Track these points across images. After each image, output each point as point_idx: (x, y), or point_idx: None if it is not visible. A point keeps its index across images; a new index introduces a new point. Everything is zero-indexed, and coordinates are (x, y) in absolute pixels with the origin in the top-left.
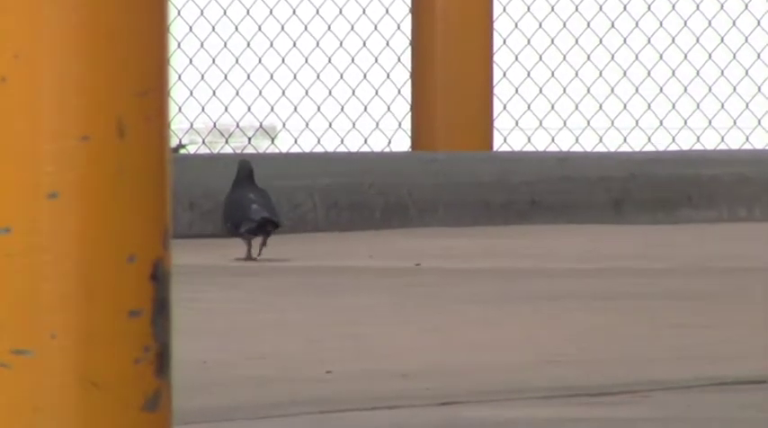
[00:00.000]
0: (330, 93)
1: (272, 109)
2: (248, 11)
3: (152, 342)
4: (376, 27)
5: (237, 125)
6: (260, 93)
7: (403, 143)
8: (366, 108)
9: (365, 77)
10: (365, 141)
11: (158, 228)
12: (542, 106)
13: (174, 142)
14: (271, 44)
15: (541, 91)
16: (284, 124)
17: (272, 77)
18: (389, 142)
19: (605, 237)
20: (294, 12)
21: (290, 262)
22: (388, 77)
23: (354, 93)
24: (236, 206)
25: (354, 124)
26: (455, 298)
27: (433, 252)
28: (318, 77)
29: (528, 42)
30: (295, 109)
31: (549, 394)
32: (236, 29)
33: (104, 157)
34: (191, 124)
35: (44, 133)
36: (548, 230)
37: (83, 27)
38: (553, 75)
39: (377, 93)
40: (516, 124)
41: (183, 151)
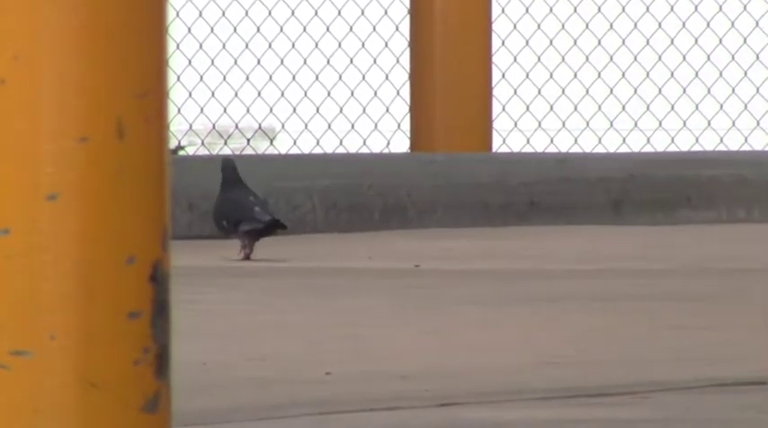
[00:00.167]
0: (329, 94)
1: (271, 110)
2: (247, 12)
3: (151, 343)
4: (375, 28)
5: (236, 126)
6: (259, 94)
7: (402, 144)
8: (365, 109)
9: (364, 78)
10: (364, 142)
11: (157, 230)
12: (541, 107)
13: (174, 143)
14: (269, 45)
15: (540, 92)
16: (283, 125)
17: (271, 78)
18: (388, 143)
19: (604, 238)
20: (293, 13)
21: (290, 263)
22: (387, 78)
23: (353, 94)
24: (234, 205)
25: (353, 125)
26: (454, 299)
27: (433, 253)
28: (317, 78)
29: (527, 43)
30: (294, 110)
31: (549, 395)
32: (234, 30)
33: (104, 158)
34: (190, 125)
35: (44, 134)
36: (547, 231)
37: (82, 28)
38: (552, 76)
39: (376, 94)
40: (515, 125)
41: (183, 152)
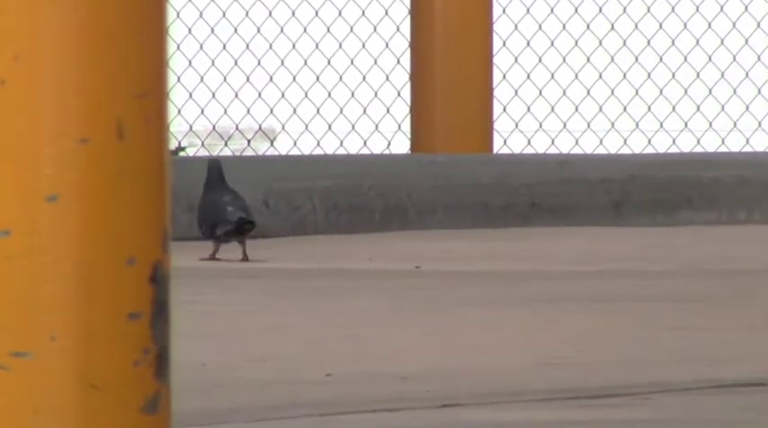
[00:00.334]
0: (329, 95)
1: (272, 111)
2: (247, 13)
3: (151, 344)
4: (375, 29)
5: (237, 127)
6: (259, 95)
7: (402, 145)
8: (365, 110)
9: (364, 79)
10: (365, 143)
11: (158, 231)
12: (542, 108)
13: (174, 144)
14: (270, 46)
15: (541, 93)
16: (283, 126)
17: (272, 79)
18: (389, 144)
19: (605, 239)
20: (293, 13)
21: (290, 264)
22: (388, 79)
23: (354, 94)
24: (210, 209)
25: (354, 126)
26: (455, 300)
27: (433, 254)
28: (318, 79)
29: (527, 44)
30: (294, 111)
31: (549, 396)
32: (235, 30)
33: (104, 159)
34: (190, 126)
35: (44, 135)
36: (547, 232)
37: (82, 29)
38: (553, 77)
39: (376, 94)
40: (516, 126)
41: (183, 153)
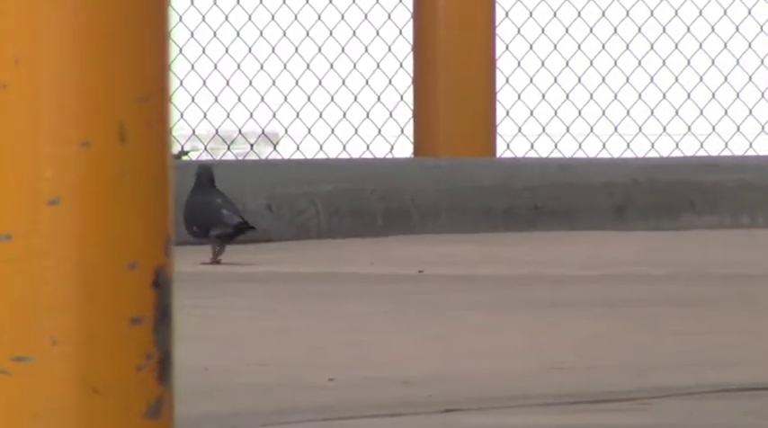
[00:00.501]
0: (332, 99)
1: (275, 115)
2: (250, 16)
3: (154, 349)
4: (378, 33)
5: (240, 131)
6: (262, 99)
7: (405, 149)
8: (368, 114)
9: (367, 83)
10: (367, 147)
11: (160, 235)
12: (545, 112)
13: (176, 149)
14: (273, 50)
15: (544, 97)
16: (286, 130)
17: (275, 83)
18: (392, 148)
19: (608, 243)
20: (296, 17)
21: (292, 268)
22: (391, 83)
23: (356, 99)
24: (203, 210)
25: (356, 130)
26: (457, 304)
27: (436, 258)
28: (320, 83)
29: (530, 48)
30: (297, 115)
31: (551, 401)
32: (237, 34)
33: (105, 163)
34: (193, 130)
35: (45, 138)
36: (550, 236)
37: (84, 32)
38: (556, 80)
39: (379, 99)
40: (519, 130)
41: (186, 158)
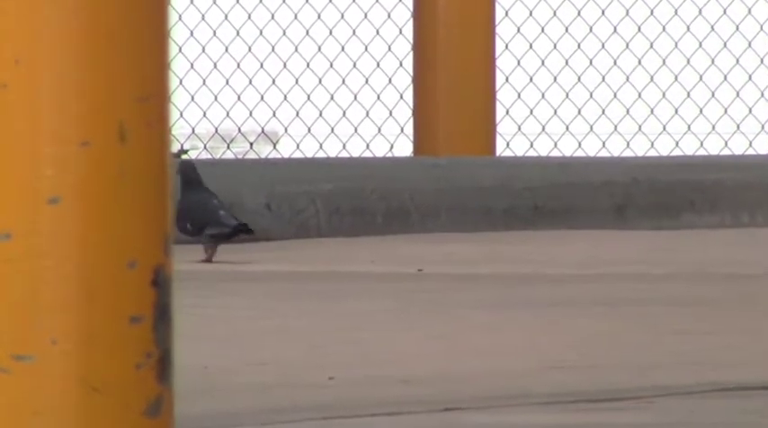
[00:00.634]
0: (332, 98)
1: (274, 114)
2: (249, 15)
3: (154, 348)
4: (378, 32)
5: (239, 130)
6: (262, 98)
7: (405, 148)
8: (368, 113)
9: (367, 82)
10: (367, 146)
11: (159, 234)
12: (545, 111)
13: (176, 147)
14: (272, 49)
15: (544, 96)
16: (286, 129)
17: (274, 82)
18: (392, 147)
19: (607, 243)
20: (296, 17)
21: (292, 267)
22: (390, 82)
23: (356, 98)
24: (200, 209)
25: (356, 129)
26: (457, 303)
27: (436, 257)
28: (320, 82)
29: (530, 47)
30: (297, 114)
31: (551, 400)
32: (237, 33)
33: (105, 162)
34: (192, 129)
35: (45, 138)
36: (550, 235)
37: (83, 32)
38: (555, 80)
39: (379, 98)
40: (519, 129)
41: (185, 157)
